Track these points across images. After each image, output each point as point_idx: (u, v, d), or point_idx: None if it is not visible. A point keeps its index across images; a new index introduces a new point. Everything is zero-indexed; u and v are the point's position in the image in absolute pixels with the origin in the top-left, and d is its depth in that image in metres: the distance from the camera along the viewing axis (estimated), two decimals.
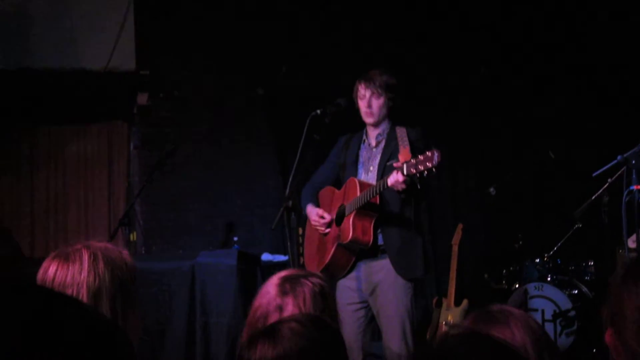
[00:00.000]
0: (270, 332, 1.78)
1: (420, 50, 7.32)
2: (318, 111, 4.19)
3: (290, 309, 2.17)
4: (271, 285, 2.26)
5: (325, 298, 2.25)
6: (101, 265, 2.02)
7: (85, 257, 2.02)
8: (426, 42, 7.36)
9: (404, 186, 3.84)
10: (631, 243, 4.41)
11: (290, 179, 3.99)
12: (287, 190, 3.98)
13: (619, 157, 4.05)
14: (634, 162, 4.02)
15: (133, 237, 6.83)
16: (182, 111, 7.22)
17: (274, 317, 2.13)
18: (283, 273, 2.33)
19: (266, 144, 7.32)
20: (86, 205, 7.37)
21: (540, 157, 6.70)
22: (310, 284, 2.23)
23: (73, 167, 7.40)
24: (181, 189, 7.09)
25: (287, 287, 2.23)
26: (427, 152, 3.56)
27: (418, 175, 3.61)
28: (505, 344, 1.13)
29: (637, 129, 5.61)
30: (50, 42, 7.02)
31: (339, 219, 4.24)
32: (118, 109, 7.33)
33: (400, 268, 4.13)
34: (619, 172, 4.25)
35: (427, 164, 3.55)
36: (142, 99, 7.16)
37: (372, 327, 4.37)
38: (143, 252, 6.74)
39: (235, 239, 6.49)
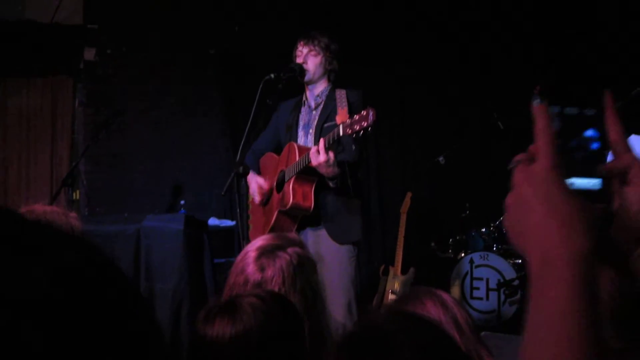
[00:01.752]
0: (229, 307, 1.71)
1: (375, 17, 7.26)
2: (272, 75, 4.10)
3: (269, 287, 2.10)
4: (249, 259, 2.17)
5: (304, 266, 2.18)
6: None
7: None
8: (382, 10, 7.30)
9: (329, 170, 3.81)
10: None
11: (241, 145, 3.90)
12: (238, 156, 3.89)
13: None
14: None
15: (76, 195, 6.67)
16: (130, 68, 7.02)
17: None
18: (259, 242, 2.24)
19: (216, 106, 7.19)
20: (27, 161, 7.15)
21: (490, 126, 6.71)
22: (287, 256, 2.15)
23: (15, 121, 7.16)
24: (127, 149, 6.93)
25: (264, 261, 2.15)
26: (363, 112, 3.51)
27: (354, 135, 3.56)
28: (423, 317, 1.20)
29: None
30: None
31: (280, 185, 4.20)
32: (64, 63, 7.09)
33: (334, 233, 4.13)
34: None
35: (363, 123, 3.51)
36: (89, 54, 6.95)
37: None
38: (86, 213, 6.59)
39: (182, 202, 6.39)
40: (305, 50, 4.26)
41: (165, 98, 7.07)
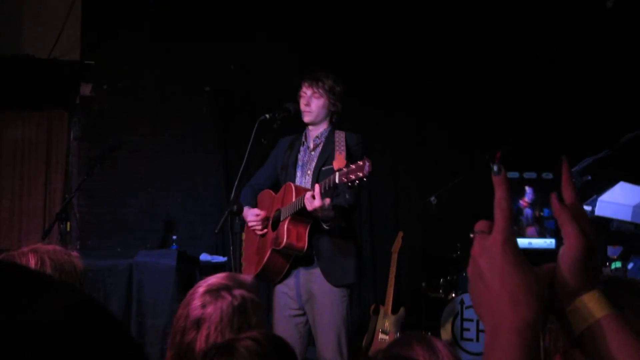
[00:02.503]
0: (226, 349, 1.73)
1: (364, 57, 7.35)
2: (267, 115, 4.15)
3: (206, 325, 2.10)
4: (196, 295, 2.19)
5: (246, 313, 2.15)
6: (48, 271, 1.97)
7: (32, 262, 1.97)
8: (370, 49, 7.40)
9: (324, 214, 3.86)
10: None
11: (235, 184, 3.93)
12: (232, 195, 3.92)
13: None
14: (573, 180, 4.08)
15: (68, 228, 6.68)
16: (126, 104, 7.09)
17: (191, 334, 2.08)
18: (212, 279, 2.24)
19: (209, 142, 7.24)
20: (21, 194, 7.16)
21: (481, 167, 6.76)
22: (229, 297, 2.13)
23: (9, 154, 7.19)
24: (121, 183, 6.96)
25: (207, 298, 2.16)
26: (359, 162, 3.56)
27: (350, 184, 3.61)
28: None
29: (578, 145, 5.74)
30: None
31: (275, 223, 4.22)
32: (60, 98, 7.14)
33: (330, 276, 4.13)
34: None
35: (358, 173, 3.55)
36: (85, 89, 7.01)
37: (310, 333, 4.35)
38: (78, 246, 6.59)
39: (174, 237, 6.41)
40: (309, 92, 4.25)
41: (160, 134, 7.13)
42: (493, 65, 7.43)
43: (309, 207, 3.80)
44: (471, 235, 1.01)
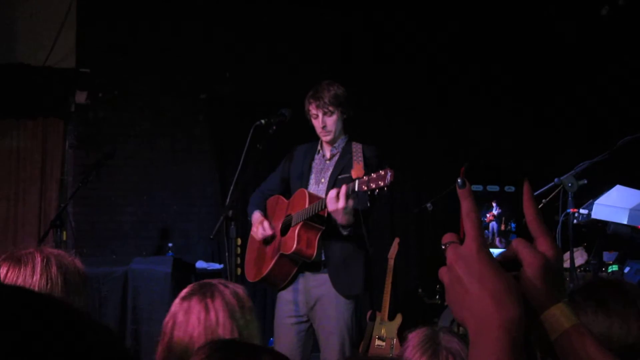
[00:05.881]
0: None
1: (361, 65, 7.36)
2: (262, 121, 4.14)
3: (195, 307, 2.10)
4: (182, 292, 2.20)
5: (239, 299, 2.17)
6: (54, 269, 1.97)
7: (38, 260, 1.96)
8: (366, 56, 7.41)
9: (345, 218, 3.84)
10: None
11: (231, 189, 3.92)
12: (228, 200, 3.90)
13: (555, 180, 4.12)
14: (570, 184, 4.09)
15: (64, 236, 6.66)
16: (121, 112, 7.08)
17: (181, 317, 2.09)
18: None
19: (205, 150, 7.23)
20: (16, 201, 7.14)
21: (477, 174, 6.78)
22: (221, 286, 2.16)
23: (4, 162, 7.17)
24: (116, 191, 6.95)
25: (196, 287, 2.17)
26: (381, 171, 3.54)
27: (369, 192, 3.59)
28: None
29: (573, 148, 5.76)
30: None
31: (285, 229, 4.20)
32: (55, 106, 7.13)
33: (339, 285, 4.10)
34: (553, 194, 4.31)
35: (380, 182, 3.53)
36: (81, 97, 7.01)
37: (313, 340, 4.33)
38: (73, 253, 6.56)
39: (170, 245, 6.39)
40: (320, 113, 4.18)
41: (155, 141, 7.12)
42: (491, 75, 7.45)
43: (331, 208, 3.76)
44: (442, 247, 1.06)
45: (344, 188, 3.73)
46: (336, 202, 3.74)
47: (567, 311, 1.00)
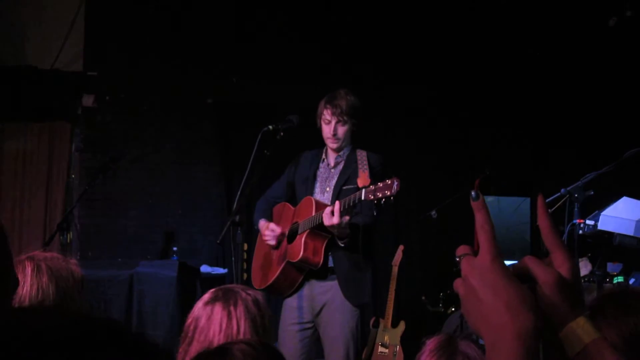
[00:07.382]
0: (220, 353, 1.73)
1: (367, 67, 7.36)
2: (270, 127, 4.15)
3: (218, 314, 2.12)
4: (205, 295, 2.23)
5: (260, 308, 2.21)
6: (45, 278, 1.96)
7: (29, 269, 1.95)
8: (372, 59, 7.41)
9: (340, 231, 3.86)
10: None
11: (238, 194, 3.93)
12: (235, 205, 3.92)
13: (562, 190, 4.13)
14: (576, 195, 4.10)
15: (69, 239, 6.67)
16: (128, 115, 7.10)
17: (203, 321, 2.12)
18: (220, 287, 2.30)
19: (211, 154, 7.24)
20: (22, 204, 7.16)
21: (482, 181, 6.77)
22: (243, 293, 2.20)
23: (11, 164, 7.19)
24: (122, 194, 6.97)
25: (220, 294, 2.19)
26: (387, 180, 3.55)
27: (375, 202, 3.60)
28: None
29: (579, 159, 5.76)
30: None
31: (291, 236, 4.20)
32: (62, 109, 7.16)
33: (348, 292, 4.10)
34: (559, 204, 4.32)
35: (386, 191, 3.54)
36: (88, 100, 7.02)
37: (317, 347, 4.34)
38: (78, 256, 6.58)
39: (175, 249, 6.40)
40: (333, 120, 4.19)
41: (162, 145, 7.14)
42: (491, 83, 7.46)
43: (327, 223, 3.80)
44: (457, 259, 1.07)
45: (337, 205, 3.77)
46: (331, 218, 3.78)
47: (586, 326, 1.01)
